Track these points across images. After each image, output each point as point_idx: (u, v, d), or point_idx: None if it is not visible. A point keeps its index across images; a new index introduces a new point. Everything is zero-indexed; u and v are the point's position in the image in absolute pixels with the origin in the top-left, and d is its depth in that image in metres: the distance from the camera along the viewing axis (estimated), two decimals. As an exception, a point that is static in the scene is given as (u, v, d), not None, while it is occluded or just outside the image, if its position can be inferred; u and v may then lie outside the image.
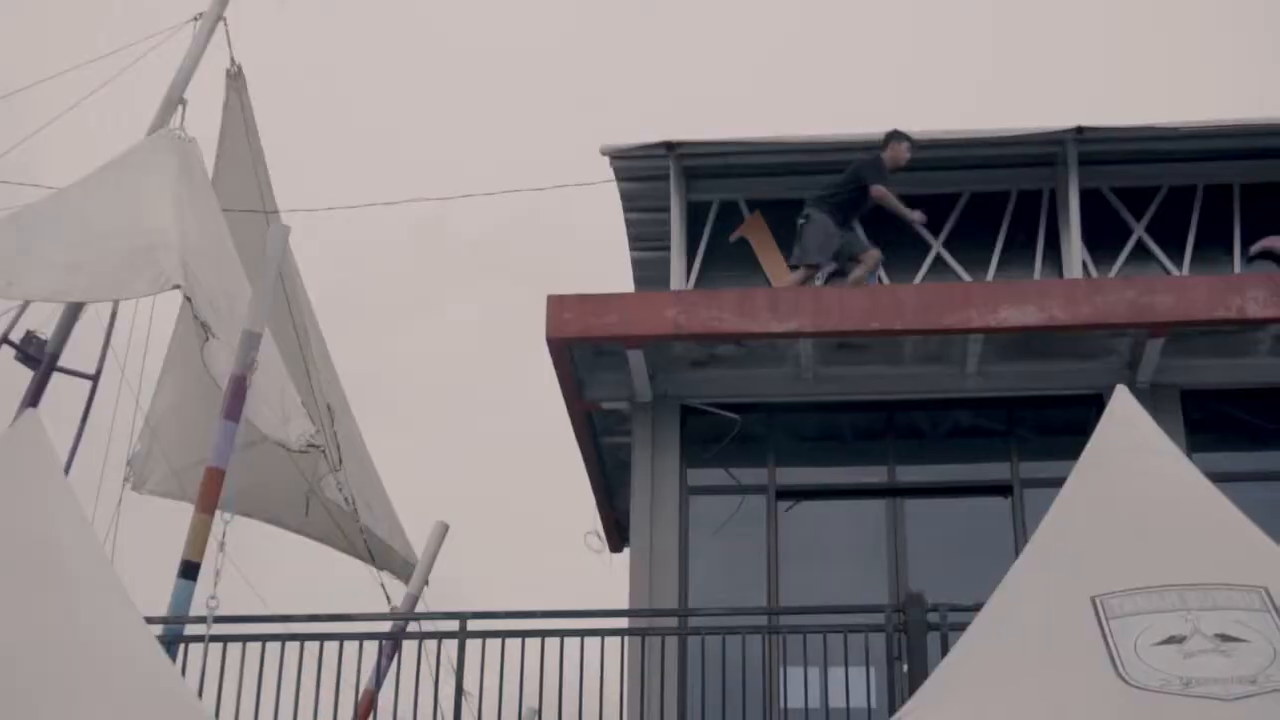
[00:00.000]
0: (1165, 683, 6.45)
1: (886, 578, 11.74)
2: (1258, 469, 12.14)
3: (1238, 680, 6.43)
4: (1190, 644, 6.66)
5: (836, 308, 11.82)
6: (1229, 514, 7.55)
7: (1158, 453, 7.79)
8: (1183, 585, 6.96)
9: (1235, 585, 6.96)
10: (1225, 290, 11.61)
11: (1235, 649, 6.61)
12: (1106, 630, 6.79)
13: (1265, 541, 7.47)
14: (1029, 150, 14.17)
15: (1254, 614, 6.81)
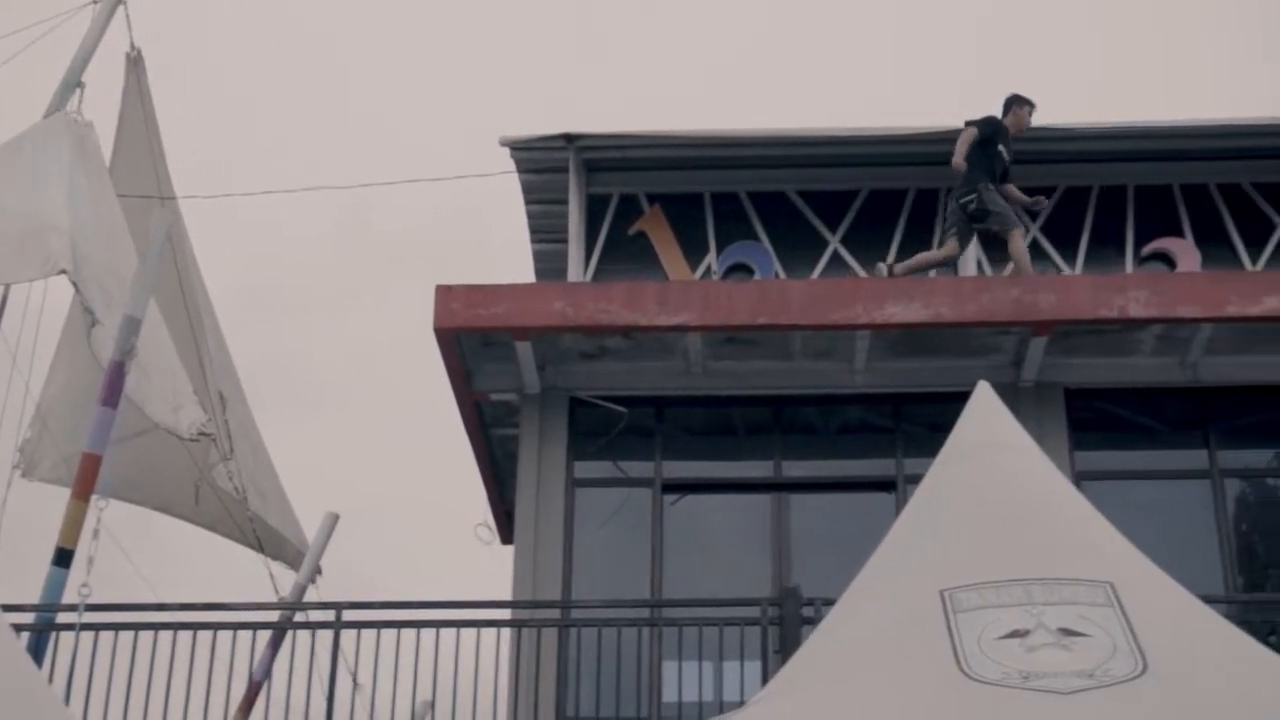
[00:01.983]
0: (1005, 676, 6.49)
1: (770, 572, 11.77)
2: (1139, 467, 12.26)
3: (1076, 674, 6.46)
4: (1033, 638, 6.70)
5: (725, 302, 11.84)
6: (1081, 510, 7.61)
7: (1015, 448, 7.84)
8: (1030, 580, 7.01)
9: (1082, 580, 7.02)
10: (1108, 290, 11.71)
11: (1076, 643, 6.65)
12: (952, 624, 6.83)
13: (1115, 538, 7.54)
14: (927, 148, 14.23)
15: (1098, 609, 6.86)
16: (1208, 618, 7.11)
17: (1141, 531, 11.83)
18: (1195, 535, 11.99)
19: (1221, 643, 6.87)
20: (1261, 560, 12.41)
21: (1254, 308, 11.51)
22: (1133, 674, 6.45)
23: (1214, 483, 12.01)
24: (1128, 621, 6.75)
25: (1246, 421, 12.32)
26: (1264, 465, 12.26)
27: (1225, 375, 12.15)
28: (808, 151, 14.34)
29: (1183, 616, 7.03)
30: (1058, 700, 6.34)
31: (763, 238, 14.37)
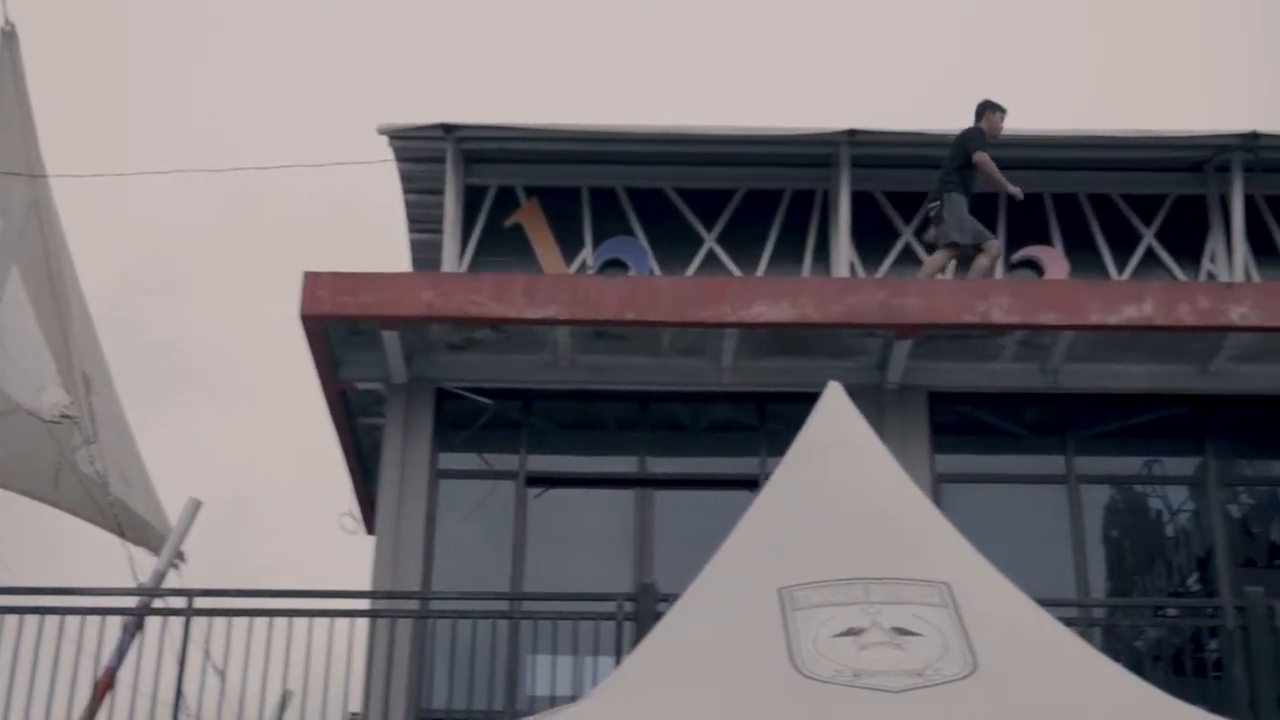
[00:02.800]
0: (837, 674, 6.53)
1: (631, 568, 11.79)
2: (999, 471, 12.41)
3: (906, 673, 6.52)
4: (867, 636, 6.75)
5: (593, 296, 11.84)
6: (924, 511, 7.69)
7: (862, 448, 7.91)
8: (868, 579, 7.05)
9: (920, 580, 7.08)
10: (972, 295, 11.84)
11: (909, 642, 6.71)
12: (789, 622, 6.87)
13: (957, 540, 7.62)
14: (804, 150, 14.34)
15: (933, 609, 6.92)
16: (1041, 620, 7.21)
17: (1000, 535, 12.12)
18: (1053, 540, 12.14)
19: (1052, 644, 6.97)
20: (1129, 567, 12.59)
21: (1113, 317, 11.69)
22: (962, 674, 6.52)
23: (1070, 488, 12.17)
24: (962, 622, 6.82)
25: (1104, 428, 12.49)
26: (1120, 472, 12.42)
27: (1085, 382, 12.33)
28: (686, 149, 14.39)
29: (1017, 618, 7.12)
30: (886, 698, 6.39)
31: (639, 234, 14.39)
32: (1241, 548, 12.64)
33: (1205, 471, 12.35)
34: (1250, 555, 12.68)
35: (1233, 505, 12.84)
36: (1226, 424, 12.56)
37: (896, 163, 14.40)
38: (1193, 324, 11.71)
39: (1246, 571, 12.40)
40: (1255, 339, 11.92)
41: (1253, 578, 12.18)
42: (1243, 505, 12.85)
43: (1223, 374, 12.25)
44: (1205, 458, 12.37)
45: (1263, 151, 13.92)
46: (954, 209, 13.09)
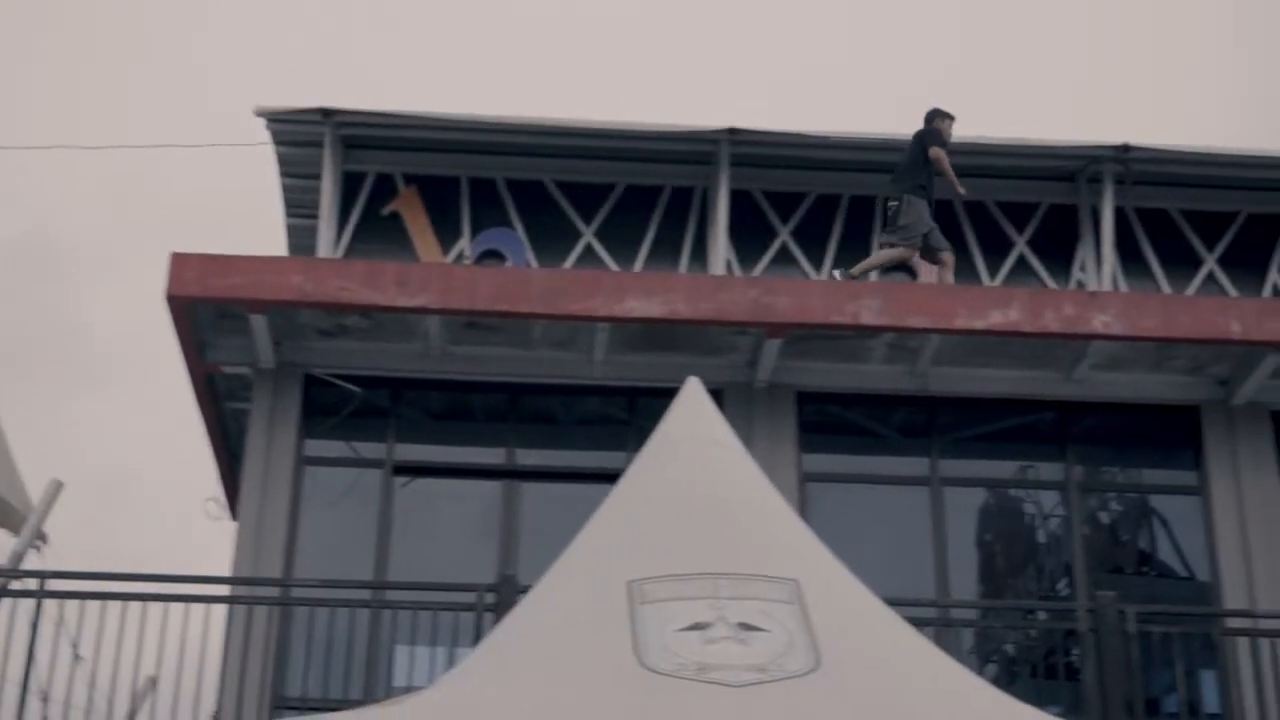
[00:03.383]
0: (680, 667, 6.54)
1: (496, 559, 11.76)
2: (866, 471, 12.52)
3: (749, 668, 6.55)
4: (712, 631, 6.77)
5: (465, 286, 11.80)
6: (777, 508, 7.73)
7: (717, 444, 7.92)
8: (717, 574, 7.07)
9: (769, 577, 7.11)
10: (842, 296, 11.94)
11: (754, 638, 6.73)
12: (636, 615, 6.88)
13: (808, 537, 7.67)
14: (684, 147, 14.37)
15: (780, 605, 6.96)
16: (888, 619, 7.28)
17: (865, 535, 12.26)
18: (917, 541, 12.26)
19: (897, 643, 7.04)
20: (998, 570, 12.74)
21: (980, 321, 11.83)
22: (804, 670, 6.56)
23: (933, 490, 12.31)
24: (808, 619, 6.86)
25: (969, 432, 12.64)
26: (984, 475, 12.56)
27: (952, 386, 12.47)
28: (566, 142, 14.37)
29: (863, 617, 7.19)
30: (728, 693, 6.41)
31: (517, 226, 14.36)
32: (1110, 554, 12.86)
33: (1067, 477, 12.53)
34: (1118, 562, 12.89)
35: (1103, 512, 13.05)
36: (1089, 430, 12.76)
37: (777, 163, 14.47)
38: (1057, 331, 11.88)
39: (1115, 578, 12.62)
40: (1118, 347, 12.12)
41: (1120, 584, 12.41)
42: (1112, 512, 13.06)
43: (1086, 381, 12.44)
44: (1067, 463, 12.55)
45: (1134, 164, 14.14)
46: (914, 211, 13.17)
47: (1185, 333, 11.92)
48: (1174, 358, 12.26)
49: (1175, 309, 12.12)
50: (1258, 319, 11.92)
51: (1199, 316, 11.96)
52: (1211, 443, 12.43)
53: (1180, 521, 12.81)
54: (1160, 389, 12.52)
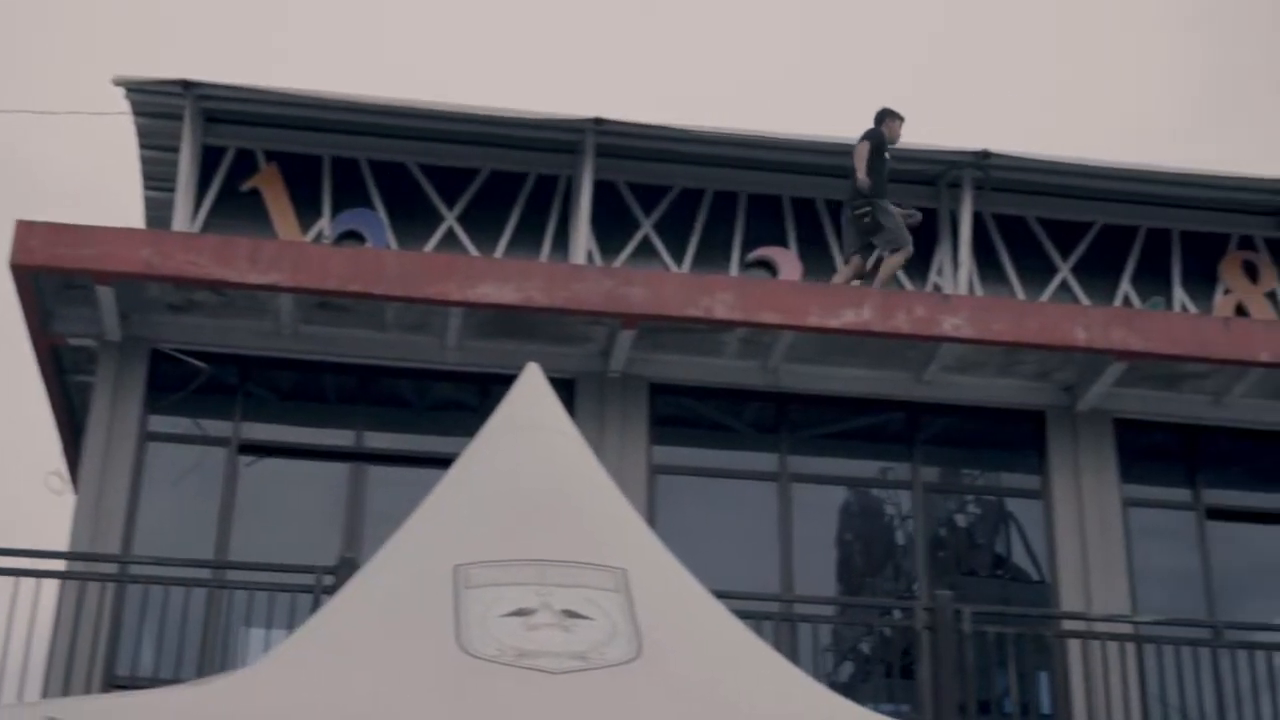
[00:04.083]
0: (500, 653, 6.51)
1: (340, 542, 11.65)
2: (716, 466, 12.55)
3: (570, 655, 6.53)
4: (536, 618, 6.74)
5: (318, 265, 11.68)
6: (609, 497, 7.71)
7: (554, 431, 7.90)
8: (545, 561, 7.05)
9: (597, 565, 7.10)
10: (696, 290, 11.96)
11: (577, 625, 6.72)
12: (460, 599, 6.83)
13: (640, 527, 7.66)
14: (549, 135, 14.34)
15: (606, 593, 6.95)
16: (715, 611, 7.29)
17: (714, 528, 12.31)
18: (764, 536, 12.32)
19: (721, 635, 7.05)
20: (847, 568, 12.82)
21: (833, 320, 11.92)
22: (625, 659, 6.55)
23: (782, 486, 12.38)
24: (633, 608, 6.86)
25: (820, 430, 12.73)
26: (832, 473, 12.65)
27: (804, 383, 12.54)
28: (431, 125, 14.29)
29: (690, 608, 7.19)
30: (546, 679, 6.39)
31: (379, 208, 14.25)
32: (957, 555, 13.00)
33: (914, 477, 12.65)
34: (964, 563, 13.04)
35: (950, 513, 13.20)
36: (937, 432, 12.90)
37: (641, 154, 14.49)
38: (908, 332, 12.00)
39: (971, 580, 12.78)
40: (967, 350, 12.25)
41: (976, 586, 12.59)
42: (959, 513, 13.20)
43: (936, 382, 12.57)
44: (915, 464, 12.68)
45: (993, 170, 14.34)
46: (889, 215, 13.20)
47: (1033, 338, 12.09)
48: (1022, 362, 12.42)
49: (1024, 314, 12.28)
50: (1103, 327, 12.12)
51: (1046, 322, 12.14)
52: (1055, 447, 12.62)
53: (1026, 524, 12.99)
54: (1008, 393, 12.70)
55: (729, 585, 11.15)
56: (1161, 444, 13.00)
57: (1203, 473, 12.90)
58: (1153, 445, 12.97)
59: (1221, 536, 12.79)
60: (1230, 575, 12.78)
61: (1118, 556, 12.37)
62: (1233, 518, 12.83)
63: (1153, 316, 12.93)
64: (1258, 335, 12.51)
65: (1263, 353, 12.23)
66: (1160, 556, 12.80)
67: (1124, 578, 12.31)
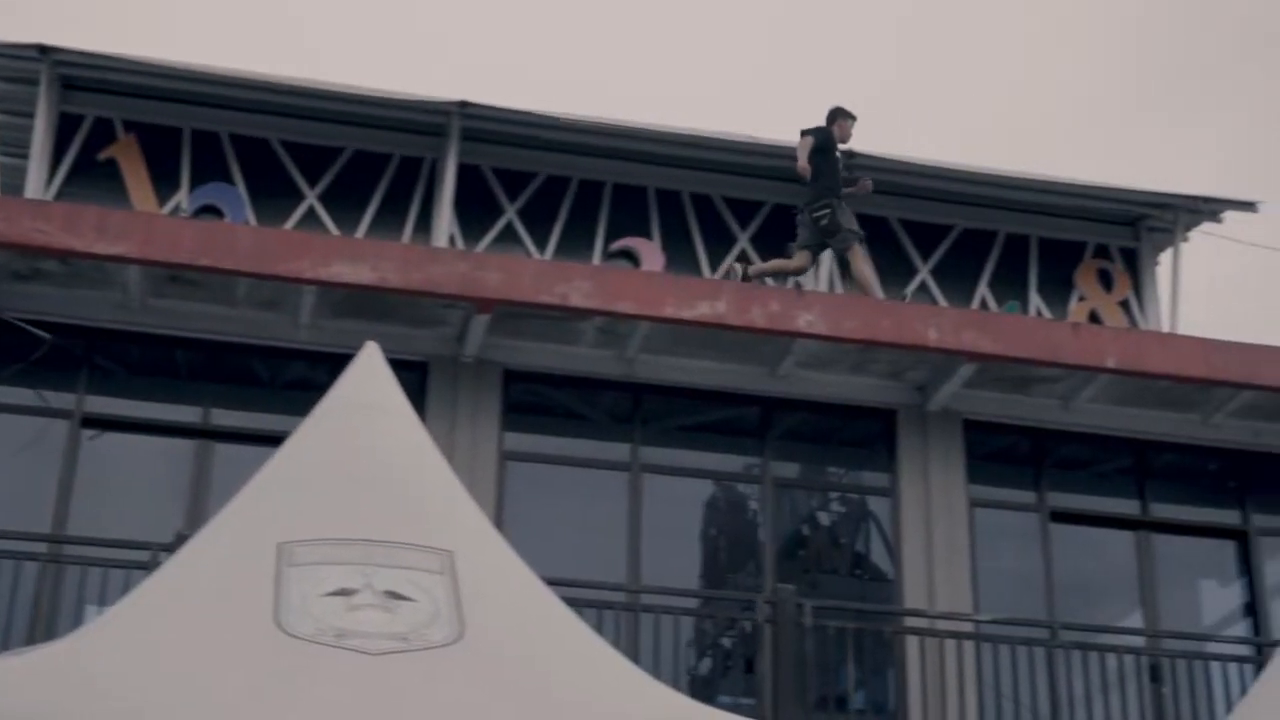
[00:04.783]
0: (319, 632, 6.44)
1: (184, 519, 11.46)
2: (568, 454, 12.49)
3: (390, 636, 6.47)
4: (358, 598, 6.68)
5: (168, 238, 11.47)
6: (440, 479, 7.65)
7: (389, 412, 7.83)
8: (371, 541, 6.99)
9: (423, 547, 7.04)
10: (552, 277, 11.90)
11: (399, 606, 6.66)
12: (282, 577, 6.75)
13: (472, 510, 7.60)
14: (415, 116, 14.24)
15: (431, 575, 6.90)
16: (542, 597, 7.25)
17: (563, 516, 12.27)
18: (614, 526, 12.30)
19: (544, 619, 7.02)
20: (697, 561, 12.81)
21: (688, 311, 11.91)
22: (446, 641, 6.52)
23: (633, 476, 12.36)
24: (457, 591, 6.82)
25: (673, 421, 12.73)
26: (684, 465, 12.64)
27: (659, 374, 12.52)
28: (295, 102, 14.14)
29: (516, 593, 7.15)
30: (363, 660, 6.34)
31: (239, 183, 14.07)
32: (806, 550, 13.06)
33: (765, 472, 12.69)
34: (811, 558, 13.09)
35: (814, 511, 13.26)
36: (790, 427, 12.95)
37: (507, 140, 14.44)
38: (763, 326, 12.02)
39: (828, 577, 12.84)
40: (821, 347, 12.30)
41: (832, 583, 12.66)
42: (823, 511, 13.25)
43: (790, 378, 12.62)
44: (766, 458, 12.72)
45: (855, 169, 14.40)
46: (847, 216, 13.21)
47: (885, 337, 12.16)
48: (874, 361, 12.50)
49: (877, 313, 12.35)
50: (955, 328, 12.23)
51: (899, 322, 12.22)
52: (905, 446, 12.72)
53: (876, 522, 13.08)
54: (860, 390, 12.77)
55: (577, 574, 11.22)
56: (1009, 446, 13.15)
57: (1048, 476, 13.07)
58: (1001, 447, 13.12)
59: (1065, 539, 12.96)
60: (1072, 578, 12.96)
61: (962, 556, 12.49)
62: (1076, 521, 13.00)
63: (1004, 319, 13.07)
64: (1106, 341, 12.70)
65: (1110, 359, 12.41)
66: (1004, 557, 12.96)
67: (967, 577, 12.44)
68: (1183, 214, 15.03)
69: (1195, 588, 13.86)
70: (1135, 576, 13.00)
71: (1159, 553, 13.15)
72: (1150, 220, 15.24)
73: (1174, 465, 13.40)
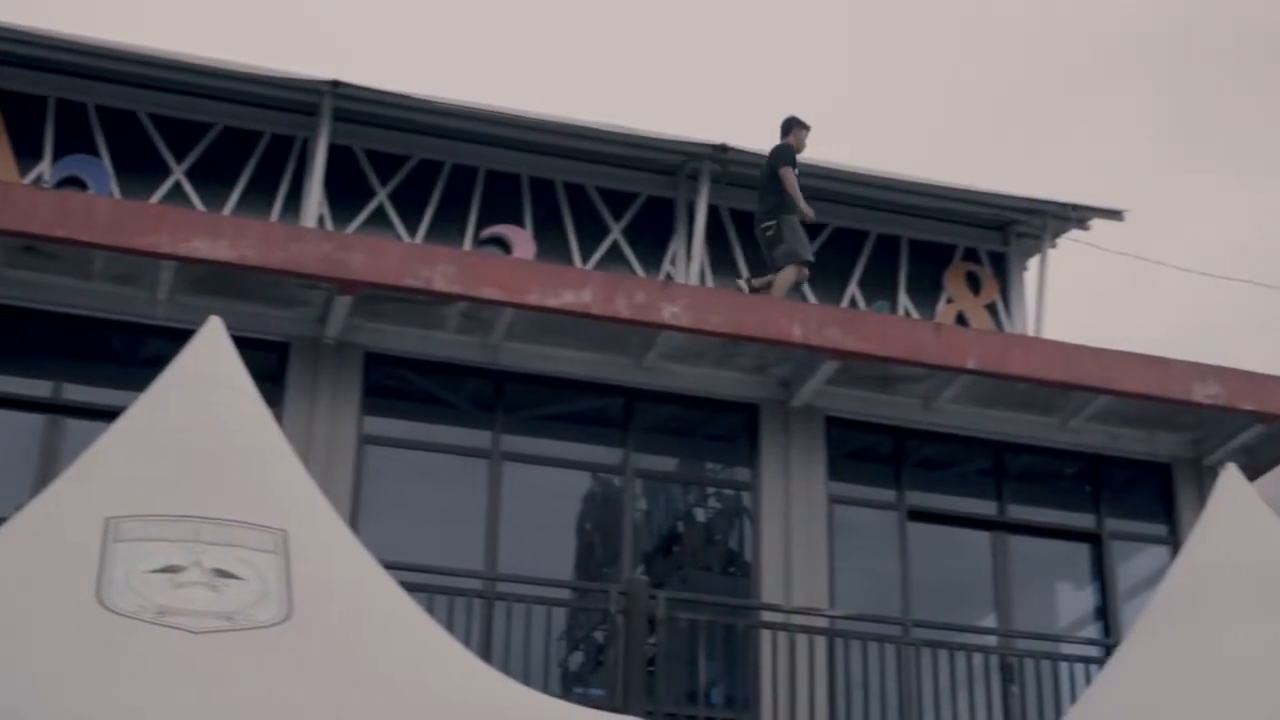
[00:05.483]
0: (141, 609, 6.31)
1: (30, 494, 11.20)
2: (428, 439, 12.39)
3: (214, 615, 6.37)
4: (185, 575, 6.56)
5: (23, 207, 11.24)
6: (279, 457, 7.53)
7: (229, 387, 7.69)
8: (202, 518, 6.87)
9: (255, 525, 6.93)
10: (417, 260, 11.80)
11: (227, 585, 6.56)
12: (107, 552, 6.62)
13: (310, 490, 7.50)
14: (286, 94, 14.07)
15: (263, 554, 6.79)
16: (377, 579, 7.17)
17: (422, 502, 12.17)
18: (472, 513, 12.21)
19: (378, 602, 6.95)
20: (598, 557, 12.73)
21: (552, 300, 11.85)
22: (272, 621, 6.42)
23: (493, 464, 12.28)
24: (289, 571, 6.72)
25: (536, 410, 12.67)
26: (545, 454, 12.57)
27: (524, 362, 12.45)
28: (163, 75, 13.91)
29: (350, 574, 7.07)
30: (184, 638, 6.22)
31: (104, 156, 13.81)
32: (666, 542, 13.07)
33: (626, 463, 12.66)
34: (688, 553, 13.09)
35: (699, 508, 13.26)
36: (653, 420, 12.93)
37: (380, 122, 14.29)
38: (627, 317, 11.98)
39: (691, 571, 12.85)
40: (686, 339, 12.29)
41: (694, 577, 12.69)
42: (728, 512, 13.23)
43: (655, 370, 12.60)
44: (628, 450, 12.69)
45: (730, 165, 14.46)
46: (792, 229, 13.22)
47: (750, 331, 12.18)
48: (739, 355, 12.51)
49: (742, 307, 12.37)
50: (819, 325, 12.28)
51: (763, 317, 12.25)
52: (767, 441, 12.74)
53: (739, 516, 13.11)
54: (724, 384, 12.78)
55: (435, 561, 11.14)
56: (870, 444, 13.23)
57: (908, 474, 13.16)
58: (862, 445, 13.19)
59: (923, 538, 13.05)
60: (930, 577, 13.06)
61: (820, 552, 12.54)
62: (934, 520, 13.10)
63: (867, 318, 13.15)
64: (968, 343, 12.82)
65: (971, 360, 12.52)
66: (863, 554, 13.03)
67: (825, 573, 12.49)
68: (1051, 220, 15.21)
69: (1052, 589, 14.03)
70: (991, 577, 13.12)
71: (1016, 554, 13.29)
72: (1019, 225, 15.41)
73: (1031, 467, 13.56)
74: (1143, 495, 13.67)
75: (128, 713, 5.79)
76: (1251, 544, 8.28)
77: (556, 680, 11.46)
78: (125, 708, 5.80)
